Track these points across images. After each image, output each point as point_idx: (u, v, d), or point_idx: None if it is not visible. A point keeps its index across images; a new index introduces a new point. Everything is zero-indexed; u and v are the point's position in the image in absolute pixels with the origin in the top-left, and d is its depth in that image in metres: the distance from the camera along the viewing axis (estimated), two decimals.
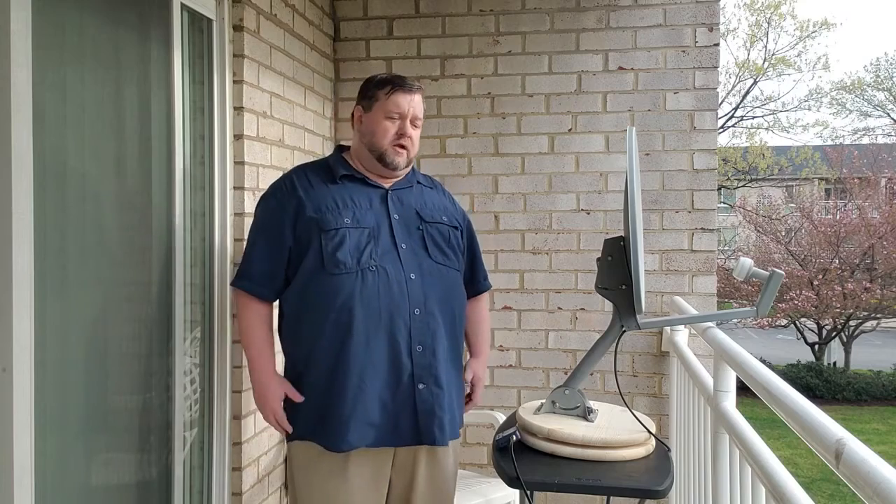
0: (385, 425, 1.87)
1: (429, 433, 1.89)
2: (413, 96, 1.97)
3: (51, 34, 1.69)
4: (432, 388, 1.90)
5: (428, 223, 2.00)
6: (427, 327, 1.90)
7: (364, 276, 1.86)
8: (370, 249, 1.88)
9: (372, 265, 1.87)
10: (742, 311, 2.02)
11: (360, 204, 1.94)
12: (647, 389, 3.06)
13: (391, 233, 1.93)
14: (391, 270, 1.88)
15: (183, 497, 2.17)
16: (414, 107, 1.97)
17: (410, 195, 2.03)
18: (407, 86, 1.97)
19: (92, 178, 1.86)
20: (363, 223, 1.91)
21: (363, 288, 1.85)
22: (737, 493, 1.50)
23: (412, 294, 1.89)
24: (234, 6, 2.38)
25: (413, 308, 1.88)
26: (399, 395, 1.87)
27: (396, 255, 1.91)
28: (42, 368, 1.61)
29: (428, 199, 2.06)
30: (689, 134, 3.03)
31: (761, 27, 17.22)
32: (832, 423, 0.94)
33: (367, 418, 1.85)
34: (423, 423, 1.88)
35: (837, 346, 14.39)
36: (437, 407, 1.90)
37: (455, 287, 2.03)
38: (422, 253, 1.95)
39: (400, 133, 1.95)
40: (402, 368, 1.87)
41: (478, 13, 3.15)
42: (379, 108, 1.96)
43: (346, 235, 1.88)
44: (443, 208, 2.07)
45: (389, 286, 1.87)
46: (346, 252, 1.86)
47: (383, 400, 1.87)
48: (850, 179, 15.81)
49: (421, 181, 2.10)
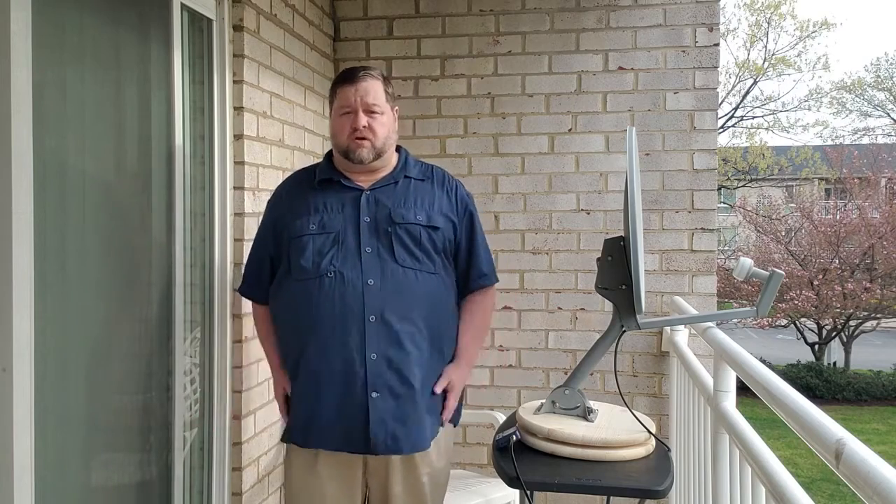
0: (339, 431, 1.86)
1: (379, 443, 1.84)
2: (357, 85, 1.89)
3: (51, 34, 1.69)
4: (386, 397, 1.84)
5: (397, 224, 1.90)
6: (383, 335, 1.83)
7: (321, 282, 1.86)
8: (332, 255, 1.87)
9: (330, 271, 1.86)
10: (742, 311, 2.02)
11: (331, 208, 1.93)
12: (647, 389, 3.06)
13: (357, 236, 1.89)
14: (349, 275, 1.85)
15: (183, 497, 2.17)
16: (362, 95, 1.89)
17: (391, 194, 1.95)
18: (351, 77, 1.91)
19: (92, 178, 1.86)
20: (328, 228, 1.90)
21: (319, 294, 1.85)
22: (737, 493, 1.50)
23: (368, 300, 1.83)
24: (234, 6, 2.38)
25: (368, 315, 1.83)
26: (353, 402, 1.84)
27: (358, 260, 1.87)
28: (42, 368, 1.61)
29: (412, 195, 1.96)
30: (689, 134, 3.03)
31: (761, 27, 17.24)
32: (832, 423, 0.94)
33: (322, 424, 1.87)
34: (375, 432, 1.83)
35: (837, 346, 14.40)
36: (390, 417, 1.83)
37: (430, 292, 1.91)
38: (387, 256, 1.88)
39: (353, 127, 1.89)
40: (354, 376, 1.83)
41: (478, 13, 3.15)
42: (334, 108, 1.97)
43: (310, 241, 1.89)
44: (428, 204, 1.96)
45: (344, 292, 1.84)
46: (308, 258, 1.88)
47: (339, 406, 1.86)
48: (850, 179, 15.82)
49: (412, 174, 2.00)
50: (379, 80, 1.94)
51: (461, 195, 2.05)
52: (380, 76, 1.96)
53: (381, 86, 1.94)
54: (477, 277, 2.06)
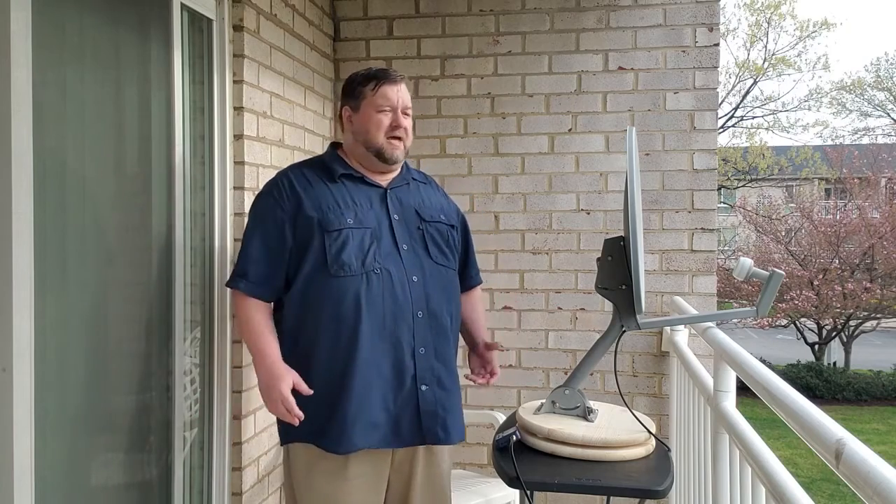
0: (388, 427, 1.87)
1: (432, 433, 1.90)
2: (399, 86, 1.96)
3: (51, 34, 1.69)
4: (435, 389, 1.91)
5: (428, 223, 1.99)
6: (429, 329, 1.91)
7: (369, 279, 1.85)
8: (373, 251, 1.87)
9: (376, 267, 1.86)
10: (742, 311, 2.02)
11: (361, 204, 1.92)
12: (647, 389, 3.06)
13: (392, 233, 1.92)
14: (394, 272, 1.88)
15: (183, 497, 2.17)
16: (402, 96, 1.96)
17: (408, 193, 2.02)
18: (391, 77, 1.96)
19: (92, 178, 1.86)
20: (365, 223, 1.89)
21: (368, 291, 1.85)
22: (737, 493, 1.50)
23: (415, 296, 1.89)
24: (234, 6, 2.38)
25: (416, 310, 1.89)
26: (402, 396, 1.88)
27: (398, 257, 1.90)
28: (42, 368, 1.61)
29: (426, 196, 2.05)
30: (689, 134, 3.03)
31: (761, 27, 17.23)
32: (832, 423, 0.94)
33: (371, 420, 1.85)
34: (427, 424, 1.89)
35: (837, 346, 14.40)
36: (441, 408, 1.91)
37: (453, 287, 2.03)
38: (423, 254, 1.95)
39: (394, 125, 1.93)
40: (405, 371, 1.88)
41: (478, 13, 3.15)
42: (367, 104, 1.94)
43: (350, 236, 1.86)
44: (440, 206, 2.07)
45: (393, 289, 1.87)
46: (350, 253, 1.85)
47: (386, 402, 1.87)
48: (850, 179, 15.82)
49: (416, 178, 2.09)
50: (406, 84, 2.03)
51: (451, 199, 2.19)
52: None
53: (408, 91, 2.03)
54: (474, 275, 2.24)
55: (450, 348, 1.97)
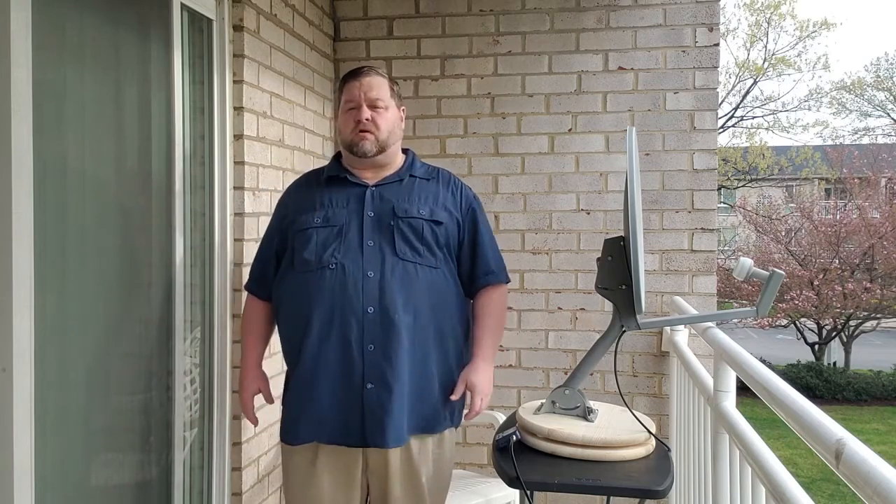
0: (336, 423, 1.88)
1: (372, 435, 1.85)
2: (361, 80, 1.96)
3: (51, 34, 1.69)
4: (380, 389, 1.85)
5: (400, 218, 1.93)
6: (380, 326, 1.84)
7: (322, 274, 1.89)
8: (334, 247, 1.90)
9: (332, 263, 1.89)
10: (742, 311, 2.02)
11: (336, 203, 1.97)
12: (647, 389, 3.06)
13: (360, 230, 1.93)
14: (349, 267, 1.88)
15: (183, 497, 2.17)
16: (366, 90, 1.95)
17: (395, 190, 1.98)
18: (355, 72, 1.99)
19: (92, 178, 1.86)
20: (333, 221, 1.94)
21: (320, 285, 1.88)
22: (737, 493, 1.50)
23: (367, 292, 1.86)
24: (234, 6, 2.38)
25: (367, 306, 1.85)
26: (350, 394, 1.87)
27: (360, 253, 1.90)
28: (42, 368, 1.61)
29: (417, 192, 1.99)
30: (689, 134, 3.03)
31: (761, 27, 17.23)
32: (832, 423, 0.94)
33: (318, 414, 1.88)
34: (369, 425, 1.85)
35: (837, 346, 14.40)
36: (381, 409, 1.84)
37: (430, 285, 1.92)
38: (388, 250, 1.90)
39: (356, 120, 1.95)
40: (353, 367, 1.86)
41: (478, 13, 3.15)
42: (341, 105, 2.02)
43: (314, 234, 1.93)
44: (432, 200, 1.99)
45: (344, 283, 1.87)
46: (311, 250, 1.92)
47: (335, 397, 1.87)
48: (850, 179, 15.82)
49: (418, 174, 2.04)
50: (384, 77, 2.02)
51: (466, 194, 2.07)
52: (385, 75, 2.04)
53: (385, 82, 2.01)
54: (483, 275, 2.04)
55: (404, 348, 1.86)
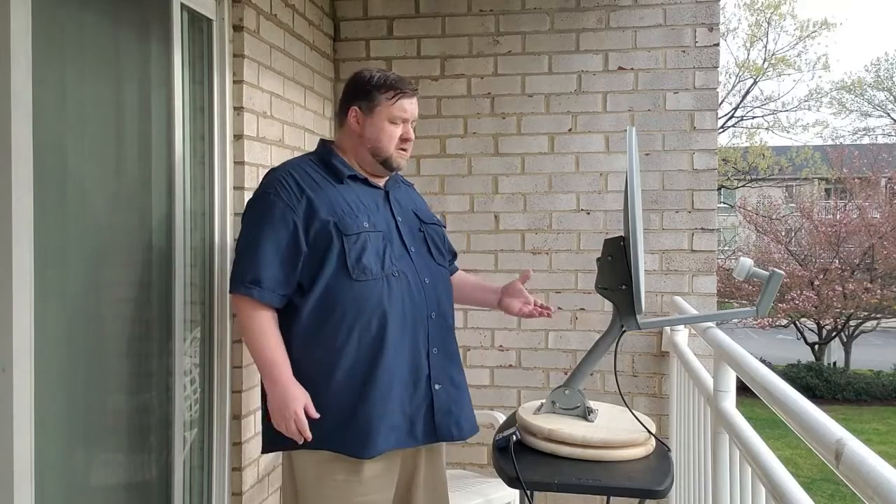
0: (404, 427, 1.88)
1: (446, 431, 1.93)
2: (414, 100, 1.99)
3: (51, 34, 1.69)
4: (448, 388, 1.95)
5: (427, 224, 2.05)
6: (440, 329, 1.96)
7: (389, 282, 1.87)
8: (389, 254, 1.89)
9: (395, 271, 1.88)
10: (742, 311, 2.02)
11: (370, 206, 1.92)
12: (647, 389, 3.06)
13: (400, 236, 1.94)
14: (409, 275, 1.91)
15: (183, 497, 2.17)
16: (415, 110, 1.99)
17: (402, 195, 2.07)
18: (410, 90, 1.97)
19: (92, 178, 1.86)
20: (378, 227, 1.90)
21: (390, 294, 1.86)
22: (737, 493, 1.50)
23: (428, 298, 1.94)
24: (234, 6, 2.38)
25: (430, 312, 1.94)
26: (417, 397, 1.90)
27: (410, 259, 1.93)
28: (42, 368, 1.61)
29: (415, 199, 2.13)
30: (689, 134, 3.03)
31: (761, 27, 17.23)
32: (832, 423, 0.94)
33: (391, 422, 1.86)
34: (441, 422, 1.92)
35: (837, 346, 14.40)
36: (454, 405, 1.95)
37: (450, 287, 2.09)
38: (427, 256, 2.00)
39: (405, 137, 1.96)
40: (420, 372, 1.91)
41: (478, 13, 3.15)
42: (382, 112, 1.91)
43: (368, 240, 1.85)
44: (425, 206, 2.16)
45: (411, 291, 1.90)
46: (370, 257, 1.84)
47: (403, 404, 1.88)
48: (851, 179, 15.83)
49: (399, 179, 2.12)
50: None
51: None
52: None
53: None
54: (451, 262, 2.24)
55: (456, 347, 2.04)
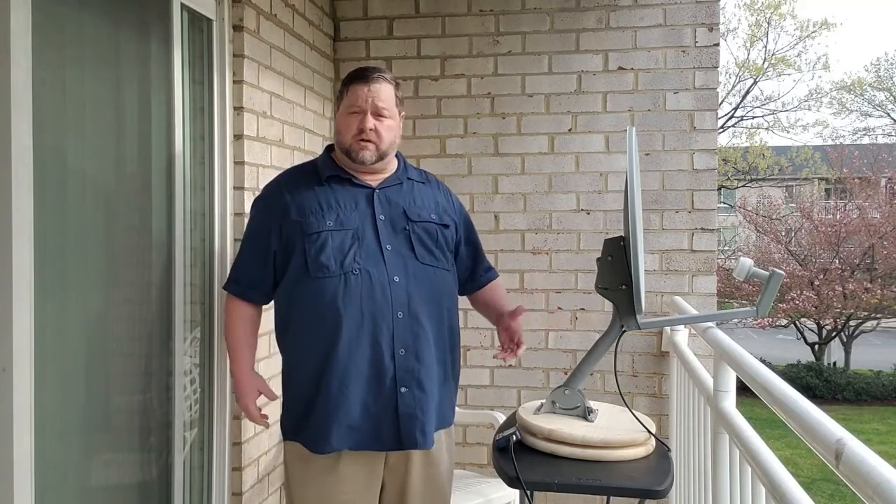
0: (367, 429, 1.86)
1: (410, 438, 1.86)
2: (370, 86, 1.89)
3: (51, 33, 1.69)
4: (415, 391, 1.86)
5: (415, 222, 1.95)
6: (410, 330, 1.87)
7: (347, 280, 1.85)
8: (354, 252, 1.87)
9: (355, 268, 1.86)
10: (742, 311, 2.02)
11: (345, 205, 1.92)
12: (647, 389, 3.06)
13: (376, 234, 1.90)
14: (374, 273, 1.86)
15: (183, 497, 2.17)
16: (373, 97, 1.89)
17: (399, 193, 1.99)
18: (364, 76, 1.91)
19: (92, 178, 1.86)
20: (346, 225, 1.89)
21: (346, 292, 1.84)
22: (737, 493, 1.50)
23: (395, 297, 1.86)
24: (234, 6, 2.38)
25: (396, 311, 1.86)
26: (381, 398, 1.85)
27: (381, 257, 1.88)
28: (42, 368, 1.61)
29: (418, 195, 2.02)
30: (689, 134, 3.03)
31: (761, 27, 17.23)
32: (832, 423, 0.94)
33: (349, 421, 1.84)
34: (405, 428, 1.85)
35: (837, 346, 14.40)
36: (419, 411, 1.86)
37: (444, 288, 1.98)
38: (408, 254, 1.92)
39: (360, 128, 1.90)
40: (384, 372, 1.85)
41: (478, 13, 3.15)
42: (344, 104, 1.94)
43: (329, 238, 1.87)
44: (433, 205, 2.03)
45: (372, 289, 1.85)
46: (329, 255, 1.86)
47: (366, 403, 1.85)
48: (851, 179, 15.83)
49: (413, 177, 2.05)
50: (391, 83, 1.96)
51: (454, 197, 2.15)
52: (392, 80, 1.97)
53: (392, 90, 1.96)
54: (485, 271, 2.19)
55: (431, 350, 1.90)
